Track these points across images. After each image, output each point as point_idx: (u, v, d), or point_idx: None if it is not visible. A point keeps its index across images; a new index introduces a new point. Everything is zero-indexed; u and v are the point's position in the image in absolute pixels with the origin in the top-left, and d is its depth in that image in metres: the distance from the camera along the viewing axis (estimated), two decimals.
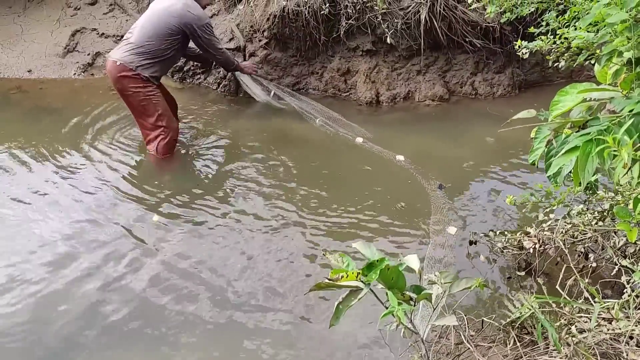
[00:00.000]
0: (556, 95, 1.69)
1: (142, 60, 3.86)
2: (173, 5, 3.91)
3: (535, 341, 1.92)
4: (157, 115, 3.92)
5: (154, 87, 3.93)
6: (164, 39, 3.89)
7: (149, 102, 3.92)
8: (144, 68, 3.87)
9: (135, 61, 3.85)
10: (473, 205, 3.55)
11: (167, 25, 3.88)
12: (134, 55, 3.87)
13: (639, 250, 2.26)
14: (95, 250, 3.18)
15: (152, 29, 3.89)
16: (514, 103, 5.02)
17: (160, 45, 3.89)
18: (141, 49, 3.87)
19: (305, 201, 3.65)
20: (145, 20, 3.98)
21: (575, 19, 2.68)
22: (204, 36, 3.98)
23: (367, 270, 1.57)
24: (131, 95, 3.92)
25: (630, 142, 1.25)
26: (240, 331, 2.63)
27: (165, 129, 3.95)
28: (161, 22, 3.89)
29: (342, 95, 5.40)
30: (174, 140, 4.01)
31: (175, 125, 4.02)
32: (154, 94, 3.93)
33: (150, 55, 3.88)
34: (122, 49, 3.92)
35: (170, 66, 4.27)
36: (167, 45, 3.92)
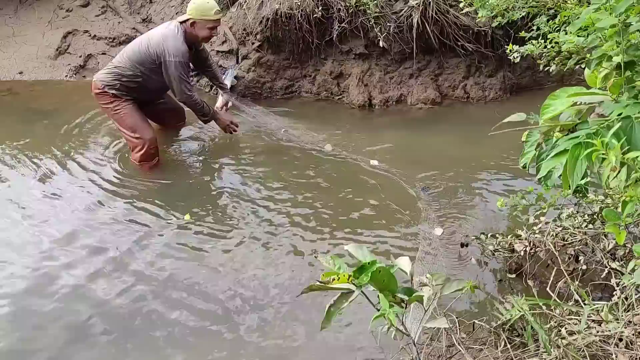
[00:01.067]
0: (547, 99, 1.71)
1: (112, 80, 3.86)
2: (156, 34, 3.85)
3: (526, 343, 1.93)
4: (129, 128, 3.94)
5: (121, 103, 3.90)
6: (136, 64, 3.83)
7: (119, 117, 3.95)
8: (110, 87, 3.87)
9: (105, 80, 3.88)
10: (464, 208, 3.56)
11: (142, 51, 3.82)
12: (106, 74, 3.90)
13: (629, 252, 2.27)
14: (82, 258, 3.16)
15: (130, 52, 3.87)
16: (505, 107, 5.05)
17: (132, 69, 3.84)
18: (115, 69, 3.88)
19: (295, 204, 3.65)
20: (132, 42, 3.98)
21: (566, 24, 2.71)
22: (170, 70, 3.76)
23: (359, 273, 1.57)
24: (105, 110, 4.07)
25: (618, 145, 1.26)
26: (232, 335, 2.63)
27: (139, 139, 3.92)
28: (140, 47, 3.84)
29: (334, 98, 5.41)
30: (150, 150, 3.94)
31: (150, 136, 3.93)
32: (121, 108, 3.91)
33: (121, 76, 3.86)
34: (102, 69, 3.99)
35: (147, 90, 3.98)
36: (139, 71, 3.85)
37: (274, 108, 5.19)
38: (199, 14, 3.77)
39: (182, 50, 3.75)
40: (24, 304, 2.81)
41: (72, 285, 2.93)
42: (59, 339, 2.59)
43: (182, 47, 3.76)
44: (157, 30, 3.89)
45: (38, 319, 2.72)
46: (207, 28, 3.84)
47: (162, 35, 3.78)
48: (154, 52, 3.78)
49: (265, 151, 4.36)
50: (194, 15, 3.78)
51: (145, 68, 3.85)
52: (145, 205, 3.65)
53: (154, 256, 3.17)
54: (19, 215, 3.55)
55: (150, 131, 3.99)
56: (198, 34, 3.86)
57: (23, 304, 2.81)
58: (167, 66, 3.75)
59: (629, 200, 1.35)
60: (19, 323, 2.69)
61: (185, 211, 3.57)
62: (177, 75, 3.76)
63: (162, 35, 3.78)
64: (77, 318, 2.71)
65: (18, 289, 2.91)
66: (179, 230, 3.40)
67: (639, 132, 1.34)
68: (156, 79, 3.88)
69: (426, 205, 3.51)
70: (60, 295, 2.87)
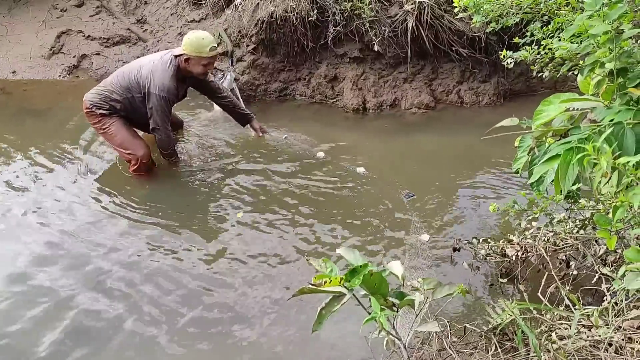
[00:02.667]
0: (540, 105, 1.71)
1: (100, 101, 3.79)
2: (147, 63, 3.75)
3: (517, 347, 1.94)
4: (119, 145, 3.88)
5: (109, 121, 3.83)
6: (125, 89, 3.76)
7: (108, 136, 3.89)
8: (98, 107, 3.80)
9: (93, 100, 3.81)
10: (456, 213, 3.57)
11: (132, 78, 3.74)
12: (95, 94, 3.83)
13: (619, 258, 2.28)
14: (76, 257, 3.15)
15: (120, 77, 3.79)
16: (499, 112, 5.07)
17: (120, 93, 3.77)
18: (105, 91, 3.80)
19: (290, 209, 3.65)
20: (125, 66, 3.90)
21: (559, 30, 2.72)
22: (151, 101, 3.68)
23: (351, 276, 1.57)
24: (94, 128, 4.00)
25: (609, 151, 1.27)
26: (222, 339, 2.62)
27: (132, 155, 3.85)
28: (130, 75, 3.75)
29: (329, 101, 5.41)
30: (143, 164, 3.87)
31: (142, 152, 3.84)
32: (109, 126, 3.83)
33: (109, 98, 3.79)
34: (92, 90, 3.89)
35: (135, 113, 3.84)
36: (126, 96, 3.77)
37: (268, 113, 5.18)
38: (194, 50, 3.64)
39: (167, 86, 3.65)
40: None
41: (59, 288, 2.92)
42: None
43: (168, 83, 3.65)
44: (150, 59, 3.79)
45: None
46: (201, 65, 3.71)
47: (152, 66, 3.69)
48: (141, 81, 3.69)
49: (260, 157, 4.35)
50: (188, 51, 3.65)
51: (132, 95, 3.77)
52: (138, 207, 3.63)
53: (144, 259, 3.16)
54: (7, 215, 3.53)
55: (141, 146, 3.88)
56: (192, 70, 3.75)
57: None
58: (149, 97, 3.67)
59: (620, 206, 1.36)
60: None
61: (177, 213, 3.56)
62: (156, 108, 3.68)
63: (153, 66, 3.68)
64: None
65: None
66: (168, 233, 3.39)
67: (630, 137, 1.34)
68: (143, 107, 3.78)
69: (412, 211, 3.52)
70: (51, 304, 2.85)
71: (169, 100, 3.70)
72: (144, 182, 3.95)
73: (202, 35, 3.66)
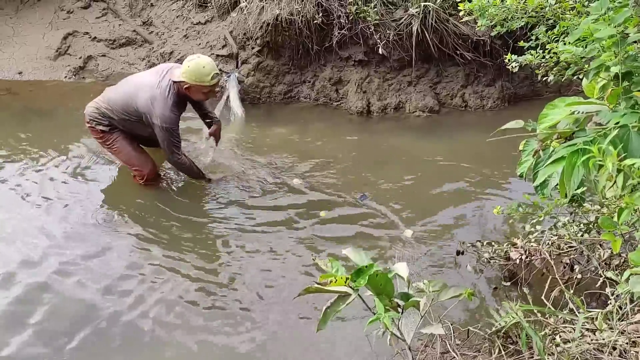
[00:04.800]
0: (545, 108, 1.72)
1: (99, 117, 3.70)
2: (145, 89, 3.53)
3: (520, 350, 1.94)
4: (125, 161, 3.83)
5: (112, 137, 3.74)
6: (124, 111, 3.62)
7: (112, 151, 3.83)
8: (98, 123, 3.72)
9: (93, 116, 3.72)
10: (460, 216, 3.57)
11: (130, 104, 3.57)
12: (94, 109, 3.72)
13: (624, 262, 2.28)
14: (72, 263, 3.15)
15: (119, 97, 3.64)
16: (503, 116, 5.07)
17: (118, 114, 3.65)
18: (105, 109, 3.68)
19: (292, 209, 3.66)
20: (124, 83, 3.73)
21: (565, 34, 2.73)
22: (157, 133, 3.56)
23: (356, 276, 1.58)
24: (99, 143, 3.91)
25: (614, 153, 1.28)
26: (226, 336, 2.63)
27: (138, 171, 3.81)
28: (129, 99, 3.58)
29: (333, 104, 5.43)
30: (150, 178, 3.82)
31: (148, 169, 3.79)
32: (112, 142, 3.75)
33: (108, 117, 3.69)
34: (92, 103, 3.78)
35: (137, 130, 3.74)
36: (126, 117, 3.65)
37: (272, 117, 5.19)
38: (194, 79, 3.43)
39: (168, 117, 3.48)
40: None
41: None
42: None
43: (169, 114, 3.48)
44: (149, 83, 3.55)
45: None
46: (202, 93, 3.53)
47: (151, 95, 3.48)
48: (140, 108, 3.53)
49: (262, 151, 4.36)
50: (188, 80, 3.44)
51: (128, 118, 3.65)
52: (141, 212, 3.63)
53: (145, 263, 3.17)
54: (11, 217, 3.55)
55: (147, 162, 3.82)
56: (192, 97, 3.59)
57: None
58: (154, 128, 3.54)
59: (625, 208, 1.37)
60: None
61: (178, 217, 3.57)
62: (165, 139, 3.55)
63: (151, 96, 3.48)
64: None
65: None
66: (168, 237, 3.41)
67: (635, 140, 1.35)
68: (142, 126, 3.66)
69: (414, 214, 3.53)
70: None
71: (173, 131, 3.54)
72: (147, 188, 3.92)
73: (202, 62, 3.44)
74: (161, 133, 3.53)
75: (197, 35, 5.89)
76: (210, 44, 5.69)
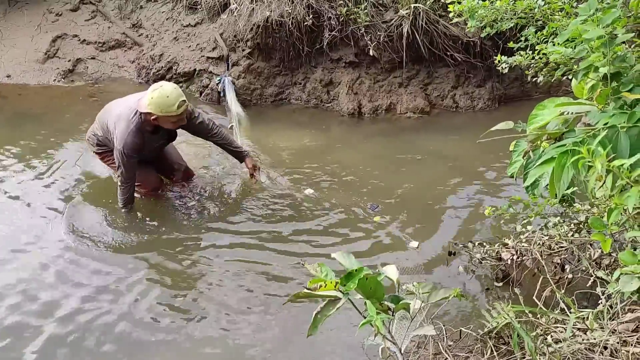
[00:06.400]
0: (534, 109, 1.72)
1: (93, 138, 3.68)
2: (113, 113, 3.48)
3: (512, 351, 1.93)
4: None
5: (110, 156, 3.61)
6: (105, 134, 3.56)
7: (112, 167, 3.72)
8: (91, 144, 3.71)
9: (90, 139, 3.70)
10: (452, 217, 3.58)
11: (105, 125, 3.54)
12: (90, 131, 3.71)
13: (614, 261, 2.29)
14: (74, 264, 3.13)
15: (101, 116, 3.61)
16: (493, 116, 5.09)
17: (106, 135, 3.57)
18: (95, 129, 3.65)
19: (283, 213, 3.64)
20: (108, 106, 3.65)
21: (554, 35, 2.74)
22: (115, 154, 3.43)
23: (346, 280, 1.56)
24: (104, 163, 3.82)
25: (604, 153, 1.28)
26: (219, 344, 2.61)
27: (141, 186, 3.71)
28: (104, 114, 3.56)
29: (324, 106, 5.42)
30: (152, 192, 3.76)
31: (153, 185, 3.74)
32: (111, 161, 3.62)
33: (98, 140, 3.65)
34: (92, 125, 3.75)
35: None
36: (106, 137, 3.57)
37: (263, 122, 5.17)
38: (160, 110, 3.26)
39: (127, 142, 3.34)
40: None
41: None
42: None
43: (128, 139, 3.34)
44: (122, 104, 3.50)
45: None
46: (170, 122, 3.37)
47: (117, 115, 3.42)
48: (109, 128, 3.48)
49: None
50: (154, 112, 3.26)
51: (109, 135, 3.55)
52: (133, 221, 3.59)
53: (138, 268, 3.15)
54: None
55: (151, 177, 3.75)
56: (162, 126, 3.43)
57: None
58: (115, 149, 3.43)
59: (615, 208, 1.37)
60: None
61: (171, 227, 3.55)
62: (120, 162, 3.40)
63: (117, 115, 3.42)
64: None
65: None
66: (162, 242, 3.38)
67: (624, 140, 1.35)
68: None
69: (406, 216, 3.52)
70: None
71: (126, 155, 3.37)
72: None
73: (166, 92, 3.25)
74: (116, 155, 3.40)
75: (187, 38, 5.87)
76: (201, 46, 5.67)
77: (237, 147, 3.85)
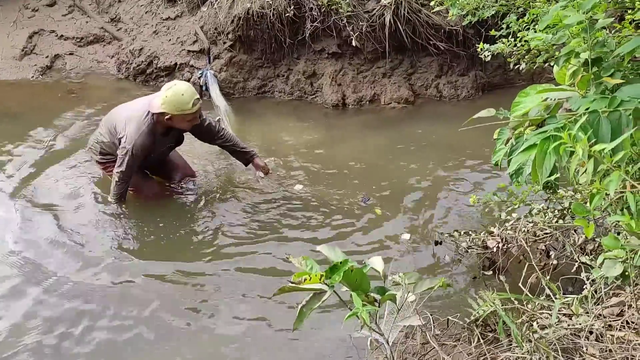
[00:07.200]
0: (517, 96, 1.71)
1: (97, 146, 3.58)
2: (122, 115, 3.43)
3: (499, 338, 1.94)
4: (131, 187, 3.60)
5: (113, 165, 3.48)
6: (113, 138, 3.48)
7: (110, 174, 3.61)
8: (94, 152, 3.61)
9: (93, 147, 3.60)
10: (437, 206, 3.58)
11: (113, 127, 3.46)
12: (92, 141, 3.63)
13: (598, 246, 2.30)
14: (57, 267, 3.09)
15: (106, 121, 3.55)
16: (477, 105, 5.08)
17: (112, 140, 3.48)
18: (99, 136, 3.57)
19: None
20: (115, 110, 3.59)
21: (535, 22, 2.74)
22: (119, 150, 3.38)
23: (331, 273, 1.55)
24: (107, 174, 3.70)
25: (585, 138, 1.27)
26: (210, 339, 2.59)
27: (142, 193, 3.67)
28: (115, 126, 3.46)
29: (308, 98, 5.39)
30: (153, 197, 3.69)
31: (153, 191, 3.68)
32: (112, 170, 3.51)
33: (102, 148, 3.55)
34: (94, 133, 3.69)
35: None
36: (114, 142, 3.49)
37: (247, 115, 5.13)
38: (175, 109, 3.24)
39: (137, 143, 3.30)
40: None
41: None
42: None
43: (139, 140, 3.30)
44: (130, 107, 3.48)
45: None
46: (186, 121, 3.35)
47: (127, 117, 3.37)
48: (117, 129, 3.41)
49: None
50: (168, 111, 3.25)
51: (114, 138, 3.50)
52: (113, 219, 3.53)
53: (127, 269, 3.12)
54: None
55: (150, 186, 3.69)
56: (175, 126, 3.41)
57: None
58: (120, 146, 3.36)
59: (596, 193, 1.36)
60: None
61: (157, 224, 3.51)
62: (122, 158, 3.35)
63: (128, 117, 3.37)
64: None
65: None
66: (149, 242, 3.35)
67: (605, 125, 1.35)
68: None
69: (391, 207, 3.51)
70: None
71: (133, 155, 3.33)
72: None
73: (180, 90, 3.25)
74: (120, 152, 3.35)
75: (167, 31, 5.79)
76: (181, 40, 5.60)
77: (244, 148, 3.79)
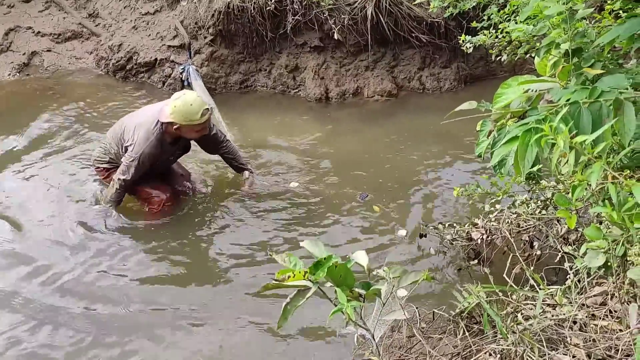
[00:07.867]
0: (500, 88, 1.71)
1: (102, 154, 3.52)
2: (132, 123, 3.39)
3: (484, 330, 1.94)
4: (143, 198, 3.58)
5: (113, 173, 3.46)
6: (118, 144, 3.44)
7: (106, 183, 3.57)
8: (100, 162, 3.54)
9: (99, 157, 3.54)
10: (421, 199, 3.58)
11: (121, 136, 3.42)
12: (99, 149, 3.57)
13: (580, 237, 2.32)
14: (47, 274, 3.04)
15: (114, 131, 3.51)
16: (460, 97, 5.10)
17: (119, 149, 3.43)
18: (107, 145, 3.51)
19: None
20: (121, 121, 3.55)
21: (515, 13, 2.74)
22: (125, 157, 3.35)
23: (315, 269, 1.53)
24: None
25: (566, 130, 1.27)
26: (194, 337, 2.56)
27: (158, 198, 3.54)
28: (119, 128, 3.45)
29: (291, 92, 5.36)
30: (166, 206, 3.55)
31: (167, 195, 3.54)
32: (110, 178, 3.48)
33: (110, 158, 3.49)
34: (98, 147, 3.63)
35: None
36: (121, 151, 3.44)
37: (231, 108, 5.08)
38: (184, 119, 3.22)
39: (144, 151, 3.27)
40: None
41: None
42: None
43: (147, 149, 3.28)
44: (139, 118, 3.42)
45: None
46: (194, 132, 3.34)
47: (137, 124, 3.34)
48: (125, 136, 3.38)
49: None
50: (177, 121, 3.23)
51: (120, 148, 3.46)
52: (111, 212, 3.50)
53: (122, 262, 3.08)
54: None
55: (162, 188, 3.56)
56: (184, 136, 3.39)
57: None
58: (126, 153, 3.33)
59: (578, 185, 1.36)
60: None
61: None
62: (127, 165, 3.32)
63: (138, 124, 3.34)
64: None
65: None
66: (141, 240, 3.31)
67: (586, 116, 1.35)
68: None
69: (379, 202, 3.50)
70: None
71: (142, 164, 3.32)
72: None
73: (189, 100, 3.24)
74: (125, 159, 3.33)
75: (147, 26, 5.70)
76: (161, 35, 5.52)
77: (243, 164, 3.77)
